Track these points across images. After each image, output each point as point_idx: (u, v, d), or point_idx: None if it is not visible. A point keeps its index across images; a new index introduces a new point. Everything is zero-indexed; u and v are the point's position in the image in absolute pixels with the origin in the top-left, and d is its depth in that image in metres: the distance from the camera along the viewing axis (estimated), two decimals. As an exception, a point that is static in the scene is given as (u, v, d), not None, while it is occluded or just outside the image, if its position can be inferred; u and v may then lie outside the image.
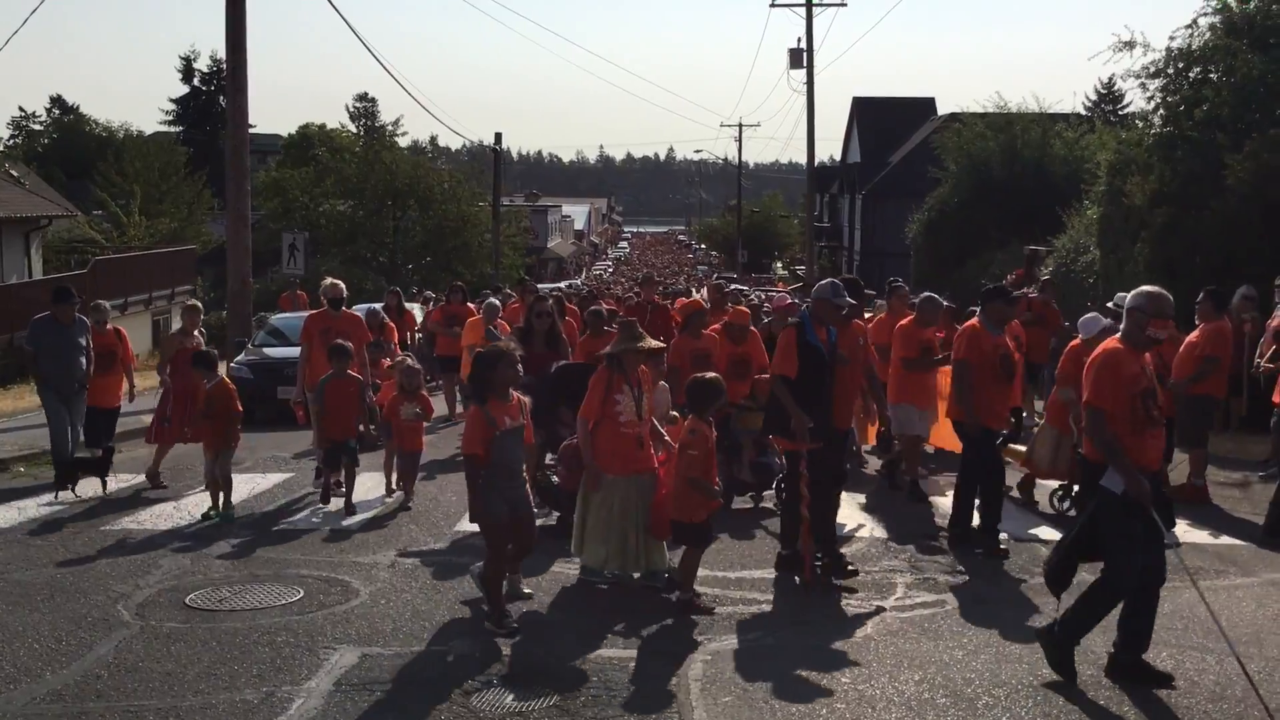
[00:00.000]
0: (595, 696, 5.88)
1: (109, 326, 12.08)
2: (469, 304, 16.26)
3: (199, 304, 12.82)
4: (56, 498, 10.71)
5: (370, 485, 10.83)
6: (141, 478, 11.47)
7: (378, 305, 16.61)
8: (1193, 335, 10.36)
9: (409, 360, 11.13)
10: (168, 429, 11.38)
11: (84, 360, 11.33)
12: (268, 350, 17.28)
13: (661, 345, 8.63)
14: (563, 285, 32.57)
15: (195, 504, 10.35)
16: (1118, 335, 6.19)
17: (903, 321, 11.13)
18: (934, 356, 10.79)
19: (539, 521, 8.75)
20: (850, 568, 8.07)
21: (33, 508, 10.33)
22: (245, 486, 11.05)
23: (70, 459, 11.02)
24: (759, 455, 9.95)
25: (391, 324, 15.06)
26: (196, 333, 11.93)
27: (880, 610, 7.35)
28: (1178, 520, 9.53)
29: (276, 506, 10.47)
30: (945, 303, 12.18)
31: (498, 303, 13.78)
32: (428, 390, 11.61)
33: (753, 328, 11.16)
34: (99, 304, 12.55)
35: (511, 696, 5.88)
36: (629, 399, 7.59)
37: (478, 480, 6.89)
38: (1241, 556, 8.63)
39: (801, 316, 8.23)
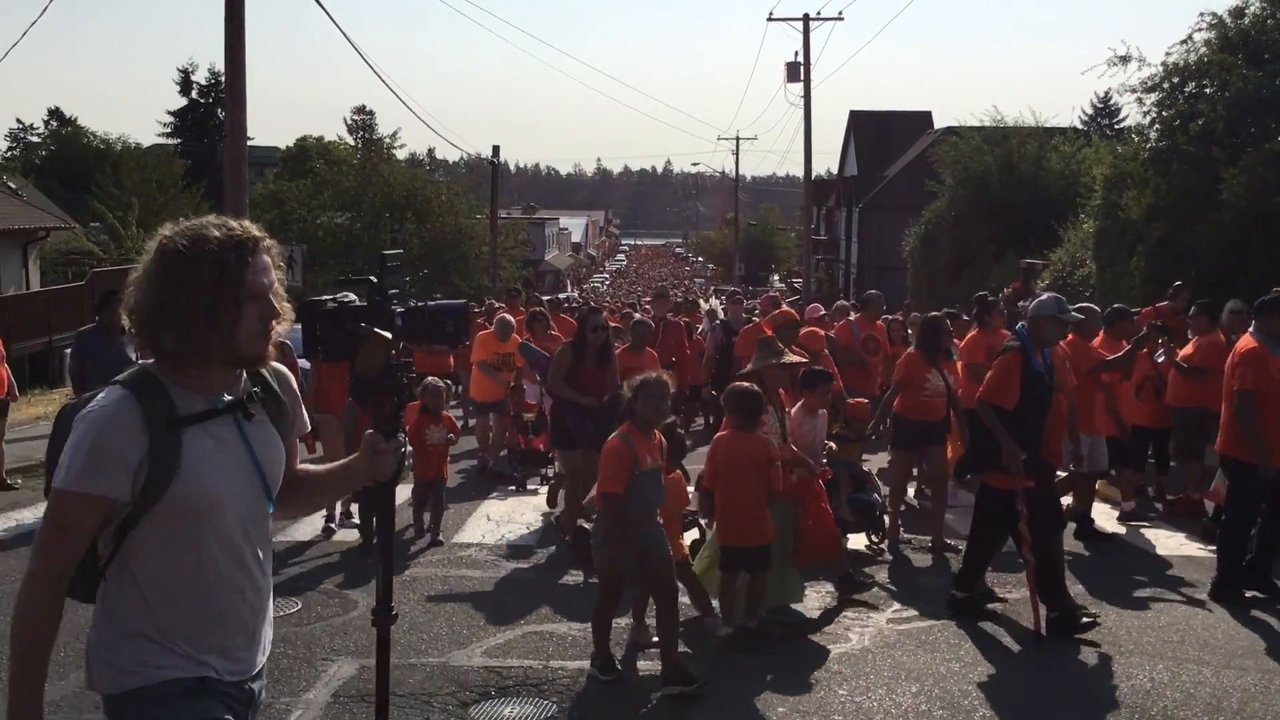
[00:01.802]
0: (594, 708, 5.89)
1: None
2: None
3: None
4: None
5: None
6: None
7: None
8: (1186, 349, 10.40)
9: (433, 380, 10.35)
10: None
11: None
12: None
13: (802, 359, 7.97)
14: (559, 297, 32.63)
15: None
16: None
17: (1071, 337, 9.09)
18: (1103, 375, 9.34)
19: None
20: (1088, 619, 7.11)
21: (30, 519, 10.32)
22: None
23: None
24: (857, 490, 8.98)
25: None
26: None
27: (877, 622, 7.36)
28: (1174, 533, 9.56)
29: (274, 518, 10.44)
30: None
31: (511, 319, 13.28)
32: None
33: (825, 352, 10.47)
34: None
35: (509, 708, 5.89)
36: (773, 420, 7.06)
37: (616, 526, 6.09)
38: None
39: (1020, 338, 7.18)
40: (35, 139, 64.86)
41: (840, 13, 38.82)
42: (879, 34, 38.85)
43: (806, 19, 38.12)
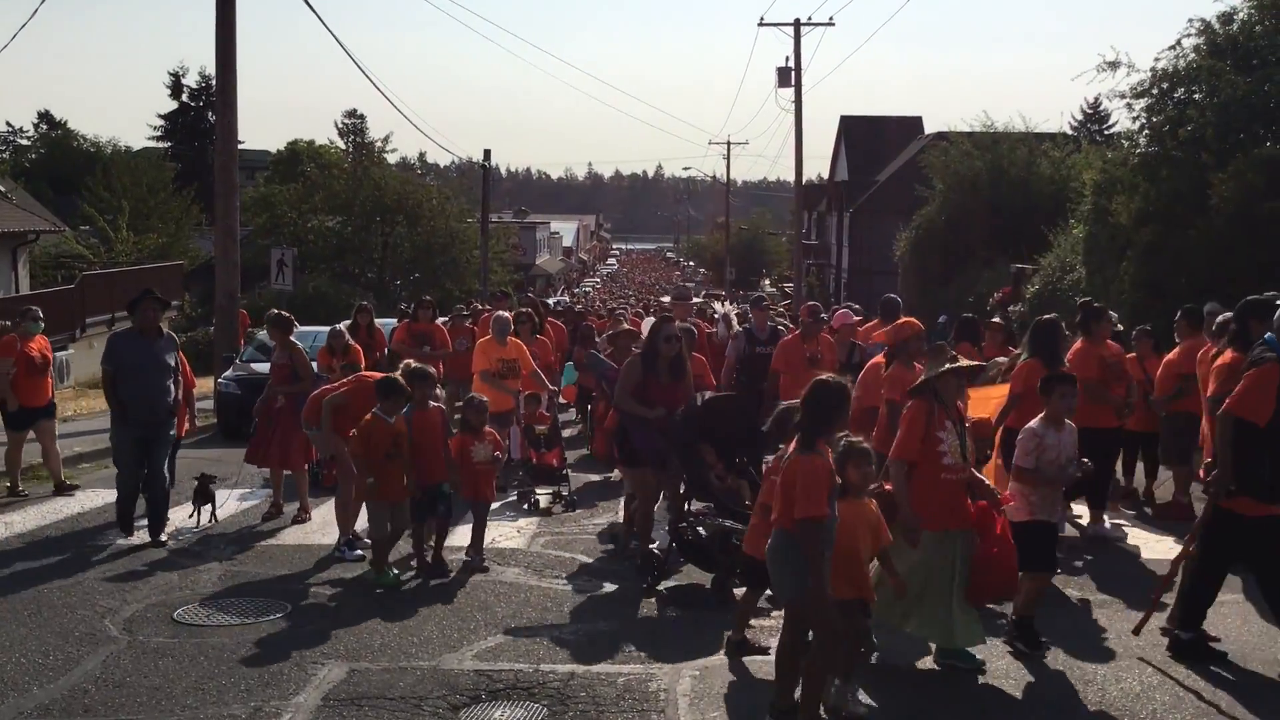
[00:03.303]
0: (584, 711, 5.89)
1: None
2: (438, 321, 15.24)
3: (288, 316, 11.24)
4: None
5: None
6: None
7: (342, 325, 13.20)
8: (1171, 354, 10.42)
9: (475, 396, 9.74)
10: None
11: (172, 385, 9.75)
12: (256, 366, 17.24)
13: (980, 363, 7.30)
14: (549, 302, 32.64)
15: (182, 519, 10.29)
16: None
17: (1224, 358, 7.69)
18: None
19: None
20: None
21: (20, 523, 10.29)
22: (233, 502, 11.01)
23: (127, 507, 9.71)
24: None
25: (358, 346, 12.33)
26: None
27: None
28: (1163, 536, 9.59)
29: (264, 522, 10.42)
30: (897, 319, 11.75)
31: (508, 316, 12.56)
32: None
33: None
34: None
35: (500, 711, 5.89)
36: (952, 436, 6.37)
37: (820, 551, 5.41)
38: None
39: (1274, 348, 6.42)
40: (25, 142, 64.78)
41: (831, 18, 38.98)
42: (870, 39, 38.90)
43: (798, 24, 38.24)
